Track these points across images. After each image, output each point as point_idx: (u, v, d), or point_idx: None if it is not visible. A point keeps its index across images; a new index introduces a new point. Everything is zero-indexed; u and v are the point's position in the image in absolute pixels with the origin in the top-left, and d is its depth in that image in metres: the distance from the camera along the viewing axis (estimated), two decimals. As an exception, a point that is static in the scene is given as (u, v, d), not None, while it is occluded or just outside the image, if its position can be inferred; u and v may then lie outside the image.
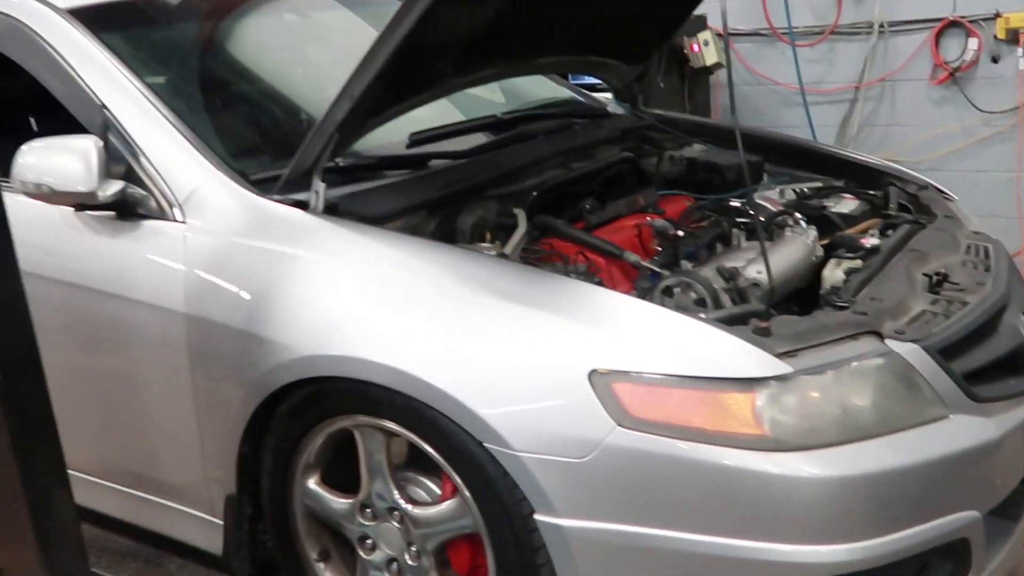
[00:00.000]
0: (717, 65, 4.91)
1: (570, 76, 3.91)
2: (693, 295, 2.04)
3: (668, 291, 2.07)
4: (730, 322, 1.84)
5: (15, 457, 1.71)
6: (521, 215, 2.29)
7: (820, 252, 2.36)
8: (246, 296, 2.06)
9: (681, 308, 2.01)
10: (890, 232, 2.38)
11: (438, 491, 1.99)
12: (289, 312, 2.00)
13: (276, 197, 2.13)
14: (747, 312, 1.90)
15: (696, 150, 3.04)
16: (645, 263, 2.18)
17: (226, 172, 2.18)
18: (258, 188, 2.16)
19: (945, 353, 1.87)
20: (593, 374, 1.73)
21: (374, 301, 1.95)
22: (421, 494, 2.02)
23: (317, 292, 2.00)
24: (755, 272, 2.11)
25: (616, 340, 1.77)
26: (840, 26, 4.92)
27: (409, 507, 1.99)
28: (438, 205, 2.30)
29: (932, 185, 2.76)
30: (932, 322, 1.95)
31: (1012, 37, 4.50)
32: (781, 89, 5.16)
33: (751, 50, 5.20)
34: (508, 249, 2.17)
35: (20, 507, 1.75)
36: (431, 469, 1.98)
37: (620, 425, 1.71)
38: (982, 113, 4.68)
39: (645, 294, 2.09)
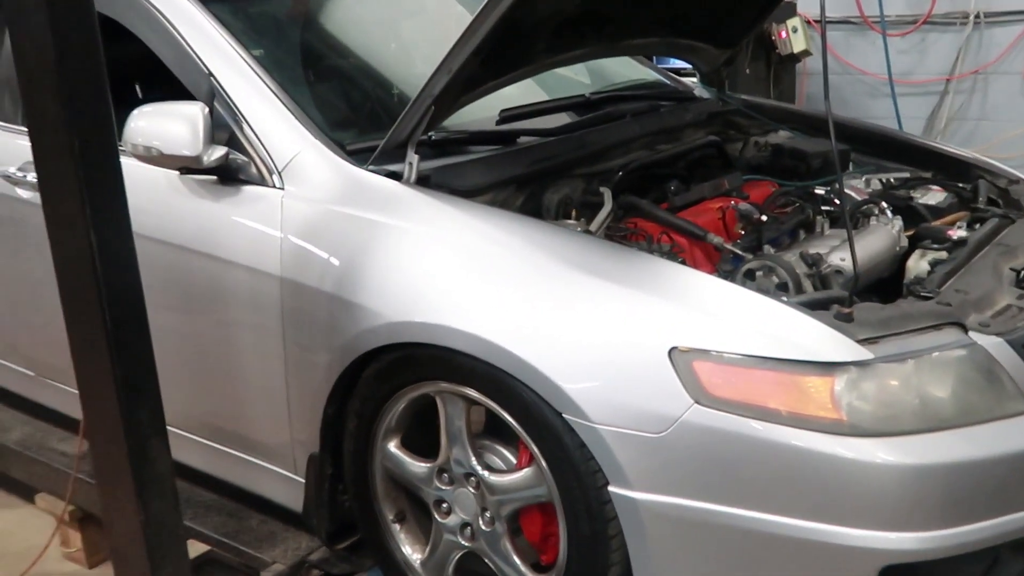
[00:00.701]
0: (805, 53, 4.86)
1: (656, 59, 3.92)
2: (775, 279, 2.06)
3: (750, 274, 2.09)
4: (812, 307, 1.86)
5: (119, 405, 1.82)
6: (607, 193, 2.33)
7: (905, 243, 2.35)
8: (338, 262, 2.14)
9: (763, 291, 2.03)
10: (978, 225, 2.36)
11: (514, 460, 2.05)
12: (379, 279, 2.07)
13: (371, 168, 2.20)
14: (829, 298, 1.92)
15: (781, 136, 3.04)
16: (728, 246, 2.21)
17: (324, 142, 2.26)
18: (353, 159, 2.24)
19: (1030, 348, 1.86)
20: (673, 351, 1.77)
21: (462, 271, 2.01)
22: (497, 462, 2.08)
23: (407, 260, 2.06)
24: (838, 259, 2.12)
25: (697, 319, 1.80)
26: (934, 16, 4.84)
27: (486, 473, 2.06)
28: (526, 181, 2.35)
29: (1024, 180, 2.72)
30: (1018, 317, 1.94)
31: (1116, 31, 4.37)
32: (869, 79, 5.10)
33: (840, 38, 5.14)
34: (593, 227, 2.21)
35: (121, 454, 1.86)
36: (508, 438, 2.04)
37: (698, 403, 1.75)
38: (1079, 109, 4.56)
39: (727, 277, 2.12)
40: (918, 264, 2.21)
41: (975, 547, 1.75)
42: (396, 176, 2.17)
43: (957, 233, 2.25)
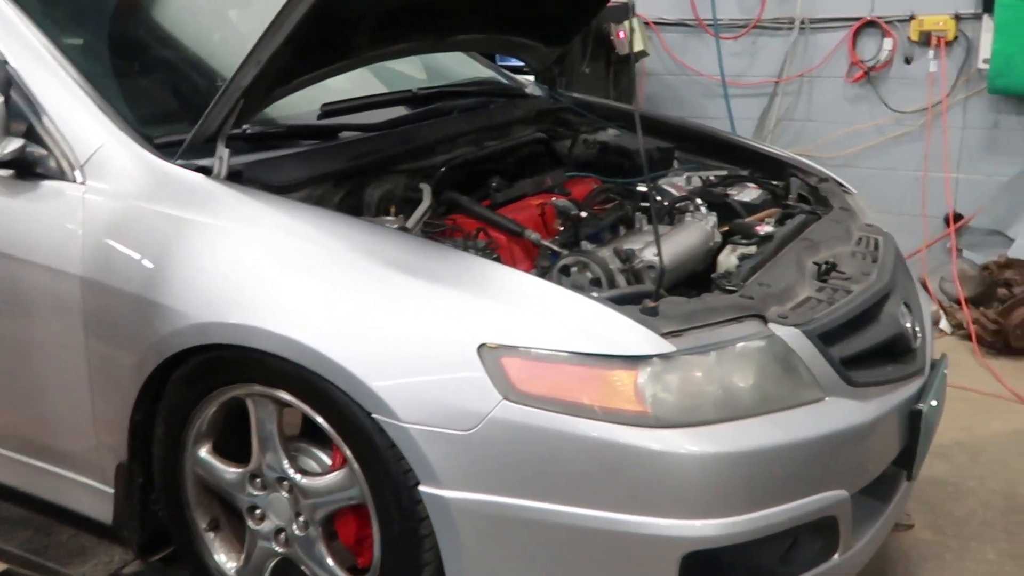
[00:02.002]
0: (642, 53, 4.97)
1: (498, 58, 3.95)
2: (589, 274, 2.08)
3: (565, 270, 2.11)
4: (621, 301, 1.88)
5: None
6: (426, 190, 2.31)
7: (719, 238, 2.43)
8: (143, 261, 2.04)
9: (577, 287, 2.05)
10: (787, 221, 2.46)
11: (329, 462, 2.01)
12: (185, 278, 1.99)
13: (179, 162, 2.11)
14: (639, 293, 1.95)
15: (610, 134, 3.09)
16: (545, 242, 2.22)
17: (129, 134, 2.16)
18: (163, 153, 2.14)
19: (825, 338, 1.94)
20: (482, 348, 1.77)
21: (270, 270, 1.95)
22: (312, 465, 2.03)
23: (214, 259, 1.99)
24: (651, 254, 2.16)
25: (506, 315, 1.80)
26: (763, 20, 5.02)
27: (298, 477, 2.01)
28: (345, 177, 2.31)
29: (832, 178, 2.85)
30: (816, 308, 2.02)
31: (924, 39, 4.65)
32: (704, 80, 5.25)
33: (677, 40, 5.28)
34: (410, 223, 2.18)
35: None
36: (324, 440, 2.00)
37: (507, 399, 1.75)
38: (894, 112, 4.82)
39: (545, 272, 2.14)
40: (728, 259, 2.29)
41: (775, 530, 1.82)
42: (207, 171, 2.09)
43: (765, 229, 2.33)
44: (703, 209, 2.47)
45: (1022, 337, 4.15)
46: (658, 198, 2.59)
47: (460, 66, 3.34)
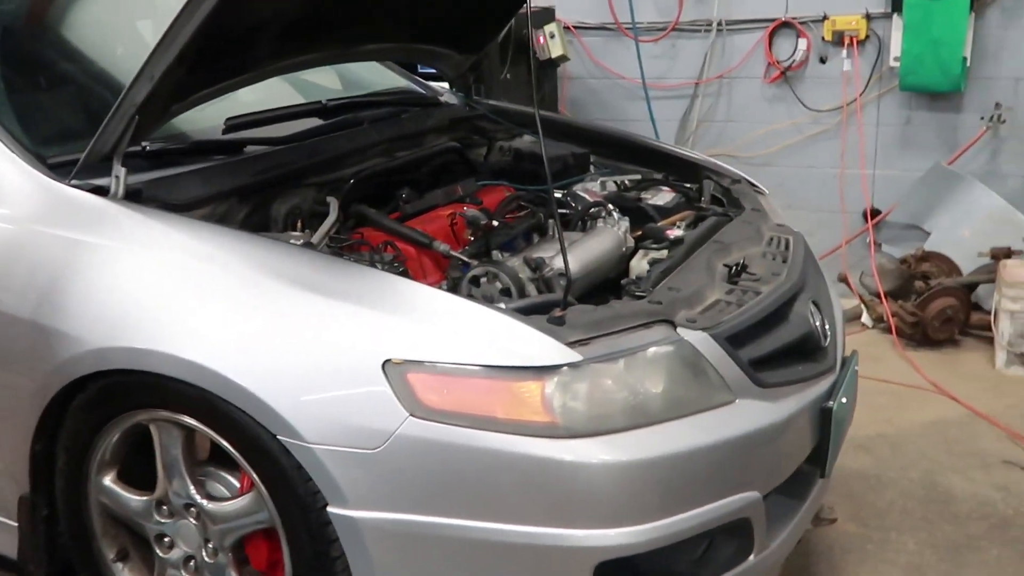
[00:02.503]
0: (563, 58, 4.97)
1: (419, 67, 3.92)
2: (499, 285, 2.06)
3: (475, 280, 2.09)
4: (529, 311, 1.87)
5: None
6: (333, 203, 2.27)
7: (631, 243, 2.42)
8: (38, 285, 1.98)
9: (487, 298, 2.04)
10: (699, 224, 2.47)
11: (237, 485, 1.96)
12: (82, 303, 1.93)
13: (74, 182, 2.05)
14: (548, 302, 1.94)
15: (525, 141, 3.08)
16: (454, 253, 2.20)
17: (20, 154, 2.09)
18: (58, 173, 2.07)
19: (733, 340, 1.95)
20: (387, 364, 1.73)
21: (169, 291, 1.89)
22: (220, 490, 1.98)
23: (111, 281, 1.93)
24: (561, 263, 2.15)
25: (410, 330, 1.77)
26: (681, 23, 5.06)
27: (205, 503, 1.95)
28: (251, 192, 2.26)
29: (745, 179, 2.87)
30: (724, 311, 2.03)
31: (838, 39, 4.72)
32: (626, 83, 5.28)
33: (598, 44, 5.30)
34: (316, 238, 2.15)
35: None
36: (232, 464, 1.95)
37: (413, 415, 1.72)
38: (810, 111, 4.90)
39: (455, 283, 2.11)
40: (640, 264, 2.29)
41: (689, 534, 1.82)
42: (103, 191, 2.03)
43: (675, 233, 2.34)
44: (615, 215, 2.47)
45: (940, 328, 4.22)
46: (572, 204, 2.59)
47: (376, 75, 3.30)
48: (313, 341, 1.78)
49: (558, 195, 2.68)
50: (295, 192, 2.31)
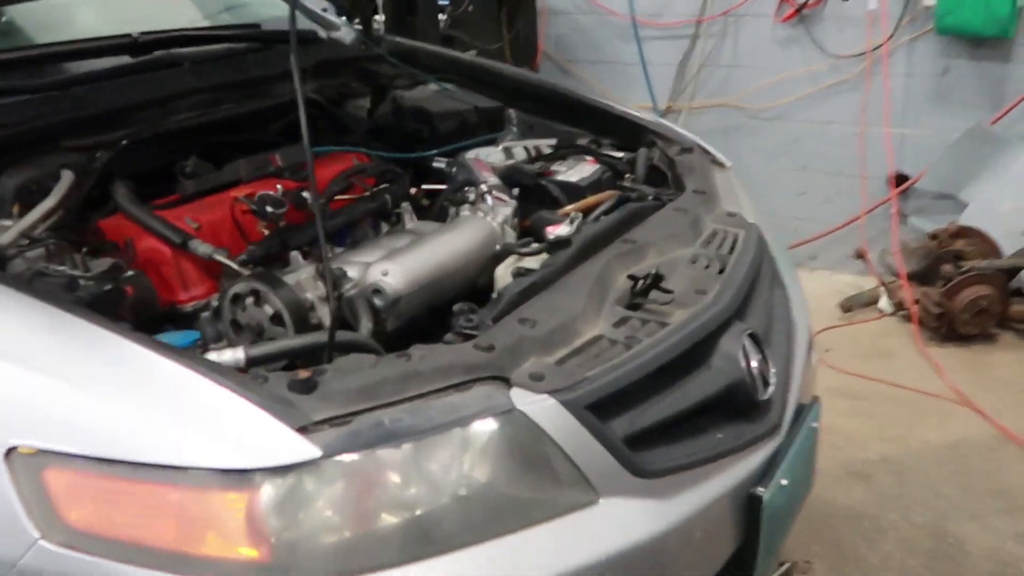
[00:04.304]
0: (536, -13, 4.25)
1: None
2: (268, 309, 1.40)
3: (238, 300, 1.43)
4: (280, 358, 1.21)
5: None
6: (66, 176, 1.60)
7: (512, 236, 1.75)
8: None
9: (253, 328, 1.38)
10: (603, 217, 1.78)
11: None
12: None
13: None
14: (315, 344, 1.28)
15: (428, 91, 2.40)
16: (220, 257, 1.53)
17: None
18: None
19: (602, 407, 1.28)
20: (12, 454, 1.09)
21: None
22: None
23: None
24: (380, 273, 1.48)
25: (57, 404, 1.12)
26: (681, -51, 4.31)
27: None
28: None
29: (700, 146, 2.17)
30: (601, 356, 1.35)
31: (863, -30, 3.96)
32: (618, 20, 4.54)
33: (585, -28, 4.56)
34: (20, 227, 1.48)
35: None
36: None
37: (45, 538, 1.08)
38: (829, 57, 4.14)
39: (220, 303, 1.46)
40: (505, 274, 1.61)
41: None
42: None
43: (560, 230, 1.64)
44: (491, 198, 1.78)
45: (970, 322, 3.59)
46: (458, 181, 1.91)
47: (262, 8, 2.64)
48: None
49: (440, 164, 2.01)
50: (38, 160, 1.65)
